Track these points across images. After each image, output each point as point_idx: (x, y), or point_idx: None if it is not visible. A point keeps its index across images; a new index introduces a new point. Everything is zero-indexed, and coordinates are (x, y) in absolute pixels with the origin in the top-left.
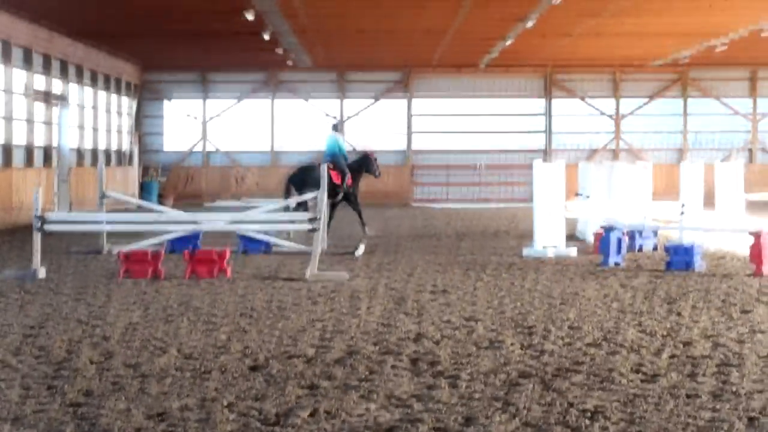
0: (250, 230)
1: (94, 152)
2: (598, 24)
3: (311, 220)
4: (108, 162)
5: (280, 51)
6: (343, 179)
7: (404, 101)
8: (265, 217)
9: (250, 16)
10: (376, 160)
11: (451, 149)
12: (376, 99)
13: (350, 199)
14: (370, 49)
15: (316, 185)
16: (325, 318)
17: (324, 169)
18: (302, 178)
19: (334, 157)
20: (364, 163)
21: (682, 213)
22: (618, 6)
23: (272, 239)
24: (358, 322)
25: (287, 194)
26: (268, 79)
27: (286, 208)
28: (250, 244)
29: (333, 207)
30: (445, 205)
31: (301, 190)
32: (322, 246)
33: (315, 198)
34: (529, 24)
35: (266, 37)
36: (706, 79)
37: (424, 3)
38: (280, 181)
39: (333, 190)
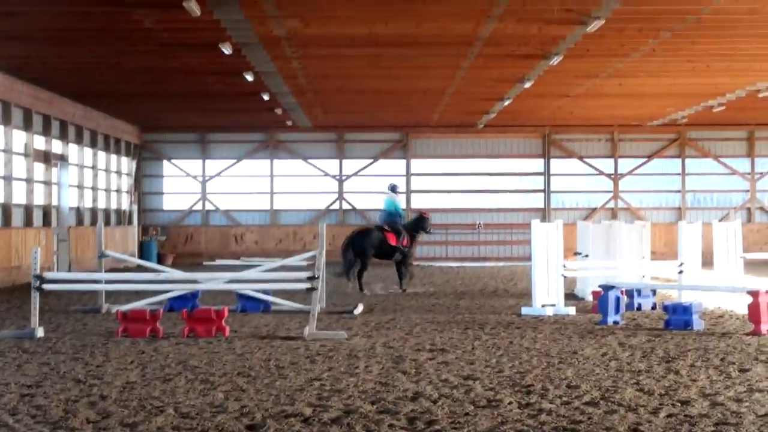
0: (249, 289)
1: (94, 212)
2: (595, 85)
3: (310, 280)
4: (107, 221)
5: (279, 112)
6: (399, 240)
7: (403, 161)
8: (263, 276)
9: (249, 78)
10: (429, 219)
11: (450, 208)
12: (375, 159)
13: (406, 258)
14: (369, 110)
15: (374, 248)
16: (323, 377)
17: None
18: (361, 243)
19: (391, 219)
20: (419, 223)
21: (681, 272)
22: (615, 67)
23: (270, 298)
24: (355, 381)
25: (346, 256)
26: (268, 139)
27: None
28: (248, 303)
29: (397, 264)
30: (444, 263)
31: (360, 254)
32: (321, 305)
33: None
34: (528, 85)
35: (265, 98)
36: (704, 139)
37: (423, 64)
38: (278, 240)
39: (391, 251)
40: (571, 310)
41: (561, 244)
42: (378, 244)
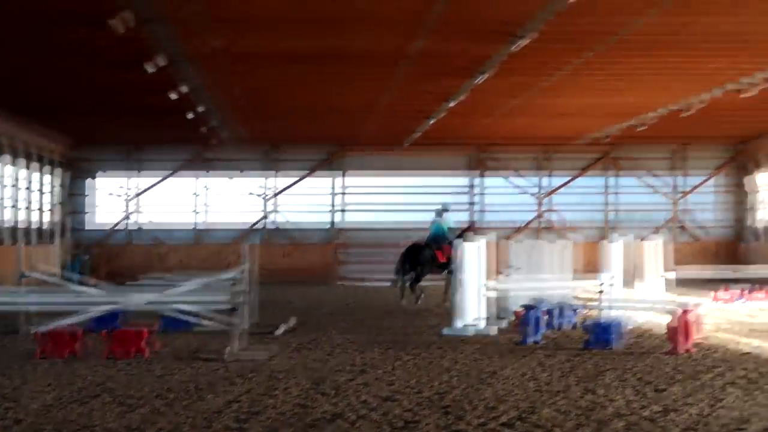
0: (171, 309)
1: (14, 230)
2: (521, 103)
3: (232, 300)
4: (30, 240)
5: (208, 127)
6: (449, 256)
7: (331, 178)
8: (186, 296)
9: (179, 93)
10: (474, 232)
11: (379, 226)
12: (304, 176)
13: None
14: (299, 126)
15: (428, 263)
16: (242, 399)
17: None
18: (416, 257)
19: (437, 240)
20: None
21: (602, 291)
22: (542, 86)
23: (193, 318)
24: (275, 402)
25: (402, 270)
26: (197, 155)
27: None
28: (171, 323)
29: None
30: (370, 283)
31: (414, 267)
32: (243, 325)
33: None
34: (455, 102)
35: (194, 114)
36: (629, 157)
37: (352, 81)
38: (203, 259)
39: (441, 267)
40: (493, 330)
41: (485, 262)
42: (430, 260)
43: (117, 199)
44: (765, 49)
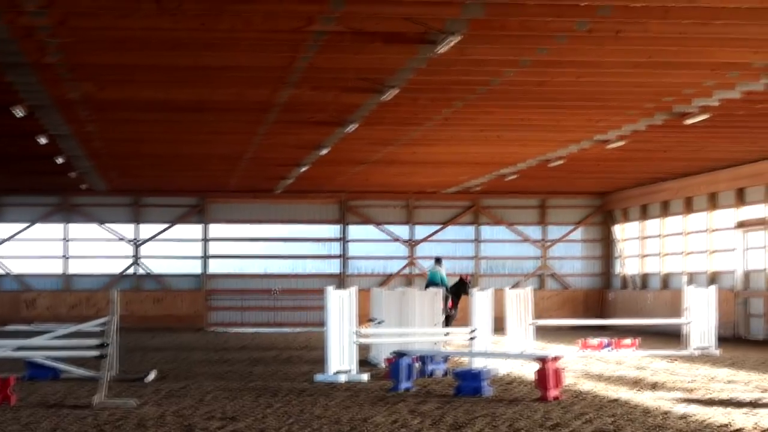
0: (38, 356)
1: None
2: (391, 152)
3: (100, 347)
4: None
5: (74, 175)
6: (445, 304)
7: (200, 226)
8: (52, 343)
9: (43, 140)
10: (470, 282)
11: (247, 273)
12: (172, 224)
13: (451, 318)
14: (166, 175)
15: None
16: None
17: None
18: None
19: (435, 287)
20: (461, 287)
21: (472, 338)
22: (409, 136)
23: (60, 365)
24: None
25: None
26: (62, 202)
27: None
28: (37, 371)
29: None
30: (240, 329)
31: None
32: (112, 372)
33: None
34: (324, 151)
35: (60, 161)
36: (497, 207)
37: (220, 129)
38: (72, 306)
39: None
40: (365, 377)
41: (355, 310)
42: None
43: None
44: (621, 108)
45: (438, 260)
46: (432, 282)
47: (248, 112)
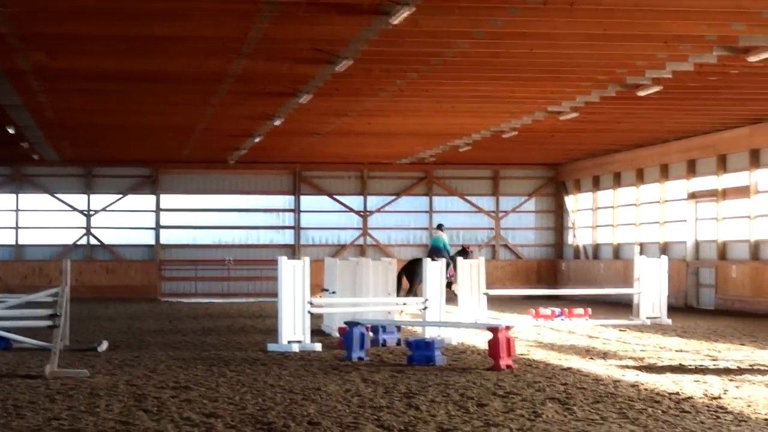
0: None
1: None
2: (344, 123)
3: (52, 317)
4: None
5: (25, 145)
6: (446, 270)
7: (153, 196)
8: (4, 313)
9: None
10: (472, 252)
11: (200, 244)
12: (124, 194)
13: (451, 284)
14: (118, 145)
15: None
16: (62, 416)
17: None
18: (413, 270)
19: (439, 253)
20: (462, 255)
21: (425, 308)
22: (364, 106)
23: (12, 335)
24: (95, 420)
25: (399, 284)
26: (14, 173)
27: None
28: None
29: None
30: (193, 299)
31: (412, 280)
32: (64, 342)
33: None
34: (277, 122)
35: (11, 131)
36: (451, 178)
37: (173, 100)
38: (24, 276)
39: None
40: (318, 347)
41: (308, 280)
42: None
43: None
44: (574, 79)
45: (440, 226)
46: (435, 248)
47: (201, 83)
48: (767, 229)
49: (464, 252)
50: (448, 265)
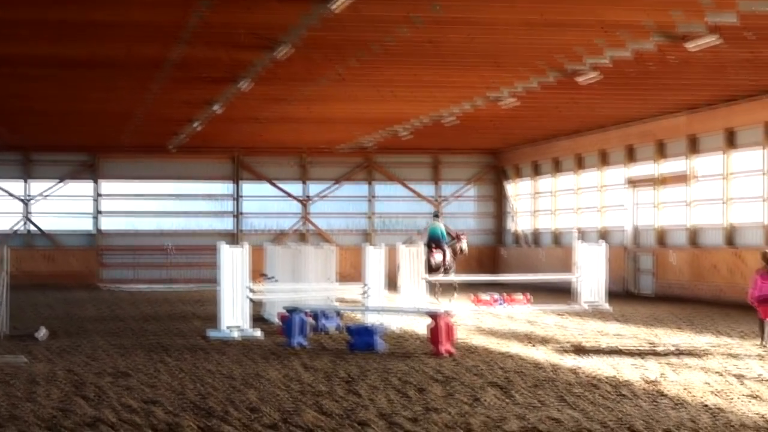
0: None
1: None
2: (284, 110)
3: None
4: None
5: None
6: (445, 257)
7: (92, 183)
8: None
9: None
10: (465, 239)
11: (140, 230)
12: (64, 181)
13: (449, 270)
14: (57, 131)
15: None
16: (0, 404)
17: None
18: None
19: (437, 241)
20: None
21: (365, 294)
22: (303, 93)
23: None
24: (34, 407)
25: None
26: None
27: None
28: None
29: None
30: (133, 286)
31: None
32: (2, 329)
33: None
34: (217, 108)
35: None
36: (391, 164)
37: (111, 86)
38: None
39: (438, 266)
40: (258, 333)
41: (248, 267)
42: (427, 259)
43: None
44: (514, 66)
45: (436, 215)
46: (433, 236)
47: (140, 69)
48: (705, 215)
49: (458, 240)
50: (445, 252)
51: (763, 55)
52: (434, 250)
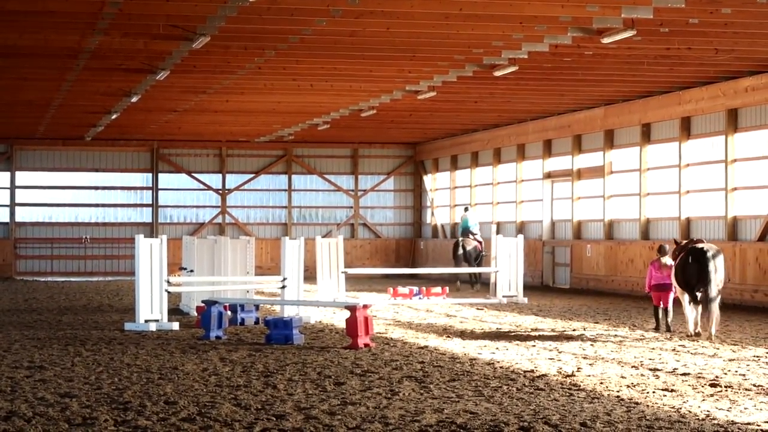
0: None
1: None
2: (202, 101)
3: None
4: None
5: None
6: (482, 246)
7: (7, 174)
8: None
9: None
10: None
11: (56, 222)
12: None
13: (481, 259)
14: None
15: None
16: None
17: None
18: (468, 251)
19: (470, 233)
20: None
21: (284, 287)
22: (222, 84)
23: None
24: None
25: (457, 261)
26: None
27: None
28: None
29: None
30: (49, 278)
31: (467, 260)
32: None
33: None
34: (134, 99)
35: None
36: (310, 156)
37: (27, 76)
38: None
39: (477, 254)
40: (175, 325)
41: (165, 259)
42: (462, 248)
43: None
44: (432, 59)
45: (467, 208)
46: (465, 228)
47: (56, 59)
48: (621, 208)
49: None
50: (481, 242)
51: (678, 49)
52: (470, 238)
